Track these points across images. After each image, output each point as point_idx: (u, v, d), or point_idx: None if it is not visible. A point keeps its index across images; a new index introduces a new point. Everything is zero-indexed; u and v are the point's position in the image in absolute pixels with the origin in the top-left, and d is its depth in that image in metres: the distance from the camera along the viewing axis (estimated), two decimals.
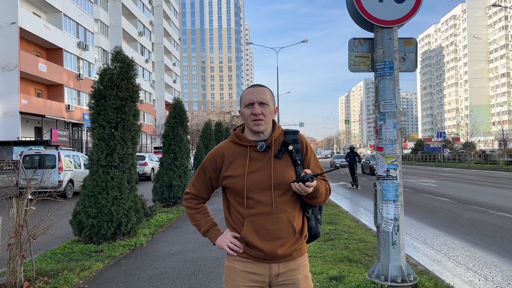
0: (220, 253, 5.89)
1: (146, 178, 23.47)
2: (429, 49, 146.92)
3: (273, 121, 2.04)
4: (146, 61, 53.64)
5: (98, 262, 5.51)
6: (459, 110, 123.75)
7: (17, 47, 27.10)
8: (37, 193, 4.69)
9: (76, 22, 34.88)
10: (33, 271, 4.64)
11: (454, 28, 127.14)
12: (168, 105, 57.02)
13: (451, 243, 6.97)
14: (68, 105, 32.90)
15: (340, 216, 9.11)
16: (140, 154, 24.45)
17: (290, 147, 1.97)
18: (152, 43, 58.06)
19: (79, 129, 35.07)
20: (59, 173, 14.41)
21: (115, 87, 6.69)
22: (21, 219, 4.40)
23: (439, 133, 50.72)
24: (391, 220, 4.10)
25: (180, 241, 7.04)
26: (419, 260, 5.74)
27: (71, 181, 15.23)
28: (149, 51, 55.85)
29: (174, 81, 71.37)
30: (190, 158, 12.32)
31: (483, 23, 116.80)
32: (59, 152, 15.23)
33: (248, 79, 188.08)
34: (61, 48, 32.59)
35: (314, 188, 1.88)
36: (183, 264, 5.54)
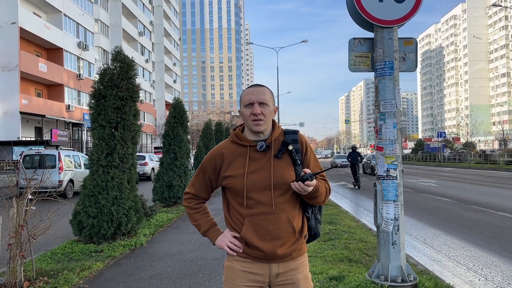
0: (220, 253, 5.89)
1: (146, 178, 23.47)
2: (429, 49, 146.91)
3: (273, 121, 2.04)
4: (146, 61, 53.66)
5: (98, 262, 5.51)
6: (459, 110, 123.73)
7: (17, 47, 27.12)
8: (37, 193, 4.69)
9: (76, 22, 34.89)
10: (33, 271, 4.64)
11: (454, 28, 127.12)
12: (168, 105, 57.09)
13: (451, 243, 6.97)
14: (68, 105, 32.91)
15: (340, 216, 9.11)
16: (140, 154, 24.47)
17: (290, 147, 1.97)
18: (152, 43, 58.08)
19: (79, 129, 35.09)
20: (59, 173, 14.41)
21: (115, 87, 6.69)
22: (21, 219, 4.40)
23: (439, 133, 50.73)
24: (391, 220, 4.10)
25: (180, 241, 7.04)
26: (419, 260, 5.75)
27: (71, 181, 15.23)
28: (149, 51, 55.88)
29: (174, 81, 71.39)
30: (190, 158, 12.32)
31: (483, 23, 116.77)
32: (59, 152, 15.24)
33: (248, 79, 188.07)
34: (61, 48, 32.61)
35: (314, 187, 1.88)
36: (183, 264, 5.54)
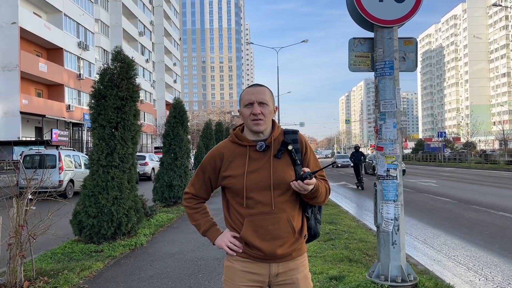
0: (220, 253, 5.89)
1: (146, 178, 23.48)
2: (429, 49, 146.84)
3: (273, 121, 2.04)
4: (147, 61, 53.67)
5: (98, 262, 5.51)
6: (459, 110, 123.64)
7: (18, 47, 27.12)
8: (37, 193, 4.69)
9: (77, 22, 34.90)
10: (33, 271, 4.64)
11: (455, 28, 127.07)
12: (168, 105, 57.09)
13: (451, 243, 6.97)
14: (69, 105, 32.92)
15: (341, 216, 9.11)
16: (140, 154, 24.49)
17: (290, 147, 1.97)
18: (152, 43, 58.09)
19: (80, 129, 35.11)
20: (59, 173, 14.42)
21: (115, 87, 6.69)
22: (21, 219, 4.40)
23: (439, 133, 50.77)
24: (391, 220, 4.10)
25: (180, 241, 7.04)
26: (419, 260, 5.74)
27: (72, 181, 15.24)
28: (149, 51, 55.88)
29: (175, 81, 71.39)
30: (190, 158, 12.32)
31: (484, 23, 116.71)
32: (59, 152, 15.25)
33: (248, 79, 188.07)
34: (62, 48, 32.61)
35: (314, 187, 1.88)
36: (183, 264, 5.54)
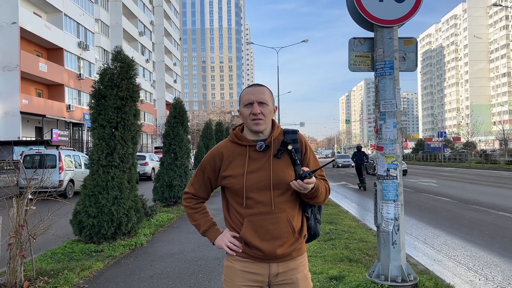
0: (220, 253, 5.89)
1: (146, 178, 23.48)
2: (429, 48, 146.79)
3: (273, 121, 2.04)
4: (147, 61, 53.66)
5: (99, 262, 5.51)
6: (459, 109, 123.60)
7: (18, 47, 27.13)
8: (37, 193, 4.69)
9: (77, 22, 34.90)
10: (33, 271, 4.64)
11: (455, 27, 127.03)
12: (168, 105, 57.09)
13: (451, 242, 6.97)
14: (69, 105, 32.92)
15: (341, 215, 9.11)
16: (140, 154, 24.49)
17: (290, 147, 1.97)
18: (152, 43, 58.09)
19: (80, 129, 35.11)
20: (59, 173, 14.42)
21: (115, 87, 6.69)
22: (21, 218, 4.40)
23: (439, 132, 50.80)
24: (391, 219, 4.10)
25: (180, 240, 7.04)
26: (419, 259, 5.74)
27: (72, 181, 15.24)
28: (149, 51, 55.88)
29: (175, 81, 71.39)
30: (190, 158, 12.32)
31: (484, 23, 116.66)
32: (59, 152, 15.25)
33: (248, 79, 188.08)
34: (62, 48, 32.61)
35: (314, 186, 1.88)
36: (183, 264, 5.54)
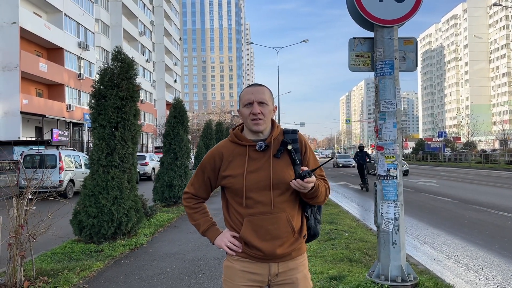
0: (220, 253, 5.89)
1: (146, 178, 23.48)
2: (430, 48, 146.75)
3: (272, 121, 2.04)
4: (147, 60, 53.66)
5: (99, 262, 5.51)
6: (460, 109, 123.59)
7: (18, 47, 27.13)
8: (37, 193, 4.69)
9: (77, 22, 34.90)
10: (33, 271, 4.64)
11: (455, 27, 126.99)
12: (168, 105, 57.08)
13: (451, 242, 6.97)
14: (69, 105, 32.92)
15: (341, 215, 9.11)
16: (140, 154, 24.48)
17: (289, 147, 1.96)
18: (152, 42, 58.09)
19: (80, 128, 35.11)
20: (59, 173, 14.43)
21: (115, 87, 6.69)
22: (21, 218, 4.40)
23: (440, 132, 50.80)
24: (391, 219, 4.10)
25: (180, 240, 7.04)
26: (419, 259, 5.74)
27: (72, 180, 15.24)
28: (149, 51, 55.88)
29: (175, 81, 71.39)
30: (190, 158, 12.31)
31: (484, 23, 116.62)
32: (59, 152, 15.25)
33: (248, 79, 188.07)
34: (62, 48, 32.61)
35: (314, 185, 1.87)
36: (183, 264, 5.54)
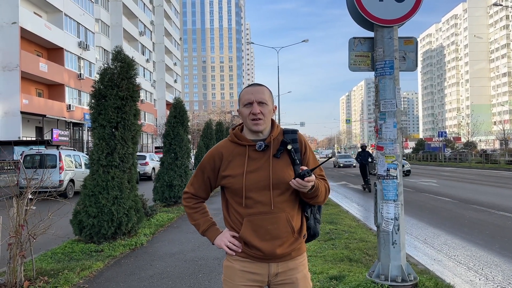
0: (220, 252, 5.89)
1: (147, 177, 23.48)
2: (430, 48, 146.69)
3: (272, 121, 2.03)
4: (147, 60, 53.66)
5: (99, 262, 5.51)
6: (460, 109, 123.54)
7: (18, 47, 27.12)
8: (38, 193, 4.69)
9: (77, 22, 34.90)
10: (33, 271, 4.64)
11: (455, 27, 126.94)
12: (169, 104, 57.04)
13: (451, 242, 6.96)
14: (69, 105, 32.92)
15: (341, 215, 9.10)
16: (141, 153, 24.48)
17: (289, 147, 1.96)
18: (153, 42, 58.08)
19: (80, 128, 35.10)
20: (60, 173, 14.43)
21: (115, 87, 6.69)
22: (21, 218, 4.40)
23: (440, 132, 50.82)
24: (391, 219, 4.10)
25: (180, 240, 7.04)
26: (419, 259, 5.74)
27: (72, 180, 15.24)
28: (150, 50, 55.87)
29: (175, 81, 71.38)
30: (190, 158, 12.31)
31: (484, 23, 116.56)
32: (60, 152, 15.26)
33: (249, 79, 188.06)
34: (62, 48, 32.61)
35: (314, 184, 1.87)
36: (183, 264, 5.54)
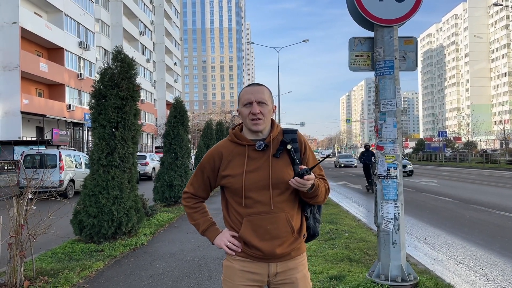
0: (220, 252, 5.89)
1: (147, 177, 23.49)
2: (430, 48, 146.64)
3: (272, 120, 2.03)
4: (147, 60, 53.66)
5: (99, 262, 5.51)
6: (460, 109, 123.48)
7: (18, 47, 27.12)
8: (38, 193, 4.69)
9: (77, 22, 34.90)
10: (33, 271, 4.64)
11: (456, 27, 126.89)
12: (169, 104, 57.02)
13: (452, 242, 6.96)
14: (69, 105, 32.93)
15: (341, 215, 9.10)
16: (141, 153, 24.49)
17: (289, 146, 1.96)
18: (153, 42, 58.08)
19: (80, 128, 35.11)
20: (60, 173, 14.43)
21: (115, 87, 6.69)
22: (21, 218, 4.40)
23: (440, 132, 50.79)
24: (392, 219, 4.10)
25: (180, 240, 7.04)
26: (419, 259, 5.74)
27: (72, 180, 15.25)
28: (150, 50, 55.87)
29: (175, 81, 71.39)
30: (191, 158, 12.31)
31: (485, 22, 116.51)
32: (60, 152, 15.25)
33: (249, 79, 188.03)
34: (62, 48, 32.60)
35: (313, 183, 1.87)
36: (183, 264, 5.54)
